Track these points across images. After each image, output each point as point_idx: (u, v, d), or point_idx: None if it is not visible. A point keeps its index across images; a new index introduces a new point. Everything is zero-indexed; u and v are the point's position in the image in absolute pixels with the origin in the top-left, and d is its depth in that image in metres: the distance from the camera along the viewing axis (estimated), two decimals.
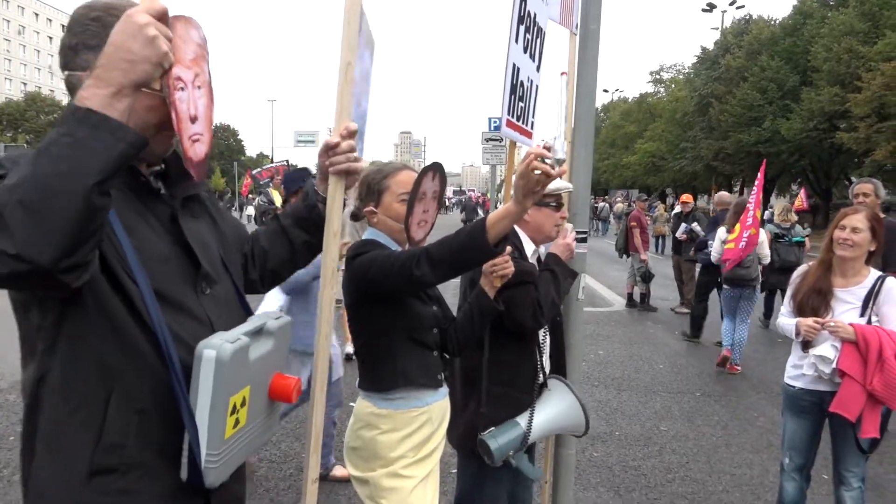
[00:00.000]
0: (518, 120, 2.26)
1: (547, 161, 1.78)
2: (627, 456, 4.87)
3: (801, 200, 19.31)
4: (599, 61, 2.71)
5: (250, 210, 31.72)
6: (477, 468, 2.51)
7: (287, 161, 19.72)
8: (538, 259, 2.70)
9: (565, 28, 2.80)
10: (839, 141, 28.47)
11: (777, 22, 40.09)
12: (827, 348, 3.17)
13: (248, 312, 1.60)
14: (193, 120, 1.34)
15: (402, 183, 2.22)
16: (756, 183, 7.24)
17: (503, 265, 2.26)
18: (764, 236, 7.38)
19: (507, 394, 2.52)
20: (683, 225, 10.74)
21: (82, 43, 1.35)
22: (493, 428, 2.42)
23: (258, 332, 1.47)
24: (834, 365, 3.12)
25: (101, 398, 1.29)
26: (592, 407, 5.92)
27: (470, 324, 2.33)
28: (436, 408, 2.24)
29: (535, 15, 2.26)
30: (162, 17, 1.17)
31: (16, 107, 65.41)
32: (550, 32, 2.54)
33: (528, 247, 2.66)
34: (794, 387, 3.35)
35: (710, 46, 45.31)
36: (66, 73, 1.39)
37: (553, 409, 2.52)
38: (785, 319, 3.42)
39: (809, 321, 3.22)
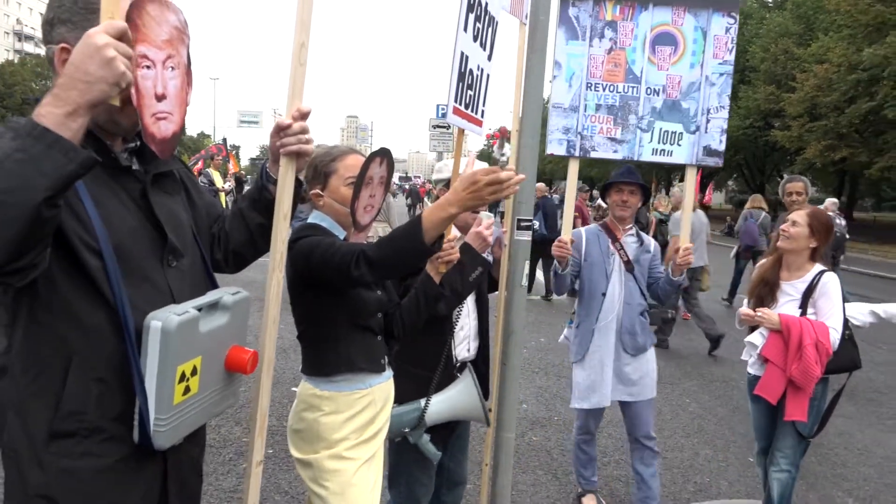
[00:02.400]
0: (467, 108, 2.28)
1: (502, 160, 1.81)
2: (565, 440, 4.99)
3: (708, 195, 22.47)
4: (549, 51, 2.74)
5: None
6: (395, 444, 2.59)
7: (224, 140, 19.36)
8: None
9: (515, 17, 2.83)
10: (773, 138, 29.55)
11: None
12: (756, 336, 3.40)
13: (213, 287, 1.69)
14: (160, 98, 1.41)
15: (349, 167, 2.21)
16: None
17: (448, 251, 2.29)
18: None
19: (415, 372, 2.62)
20: None
21: (57, 17, 1.43)
22: (394, 405, 2.49)
23: (213, 306, 1.55)
24: (759, 351, 3.33)
25: (58, 368, 1.39)
26: (532, 392, 6.04)
27: (416, 309, 2.36)
28: (378, 390, 2.25)
29: (486, 4, 2.28)
30: (122, 36, 1.21)
31: None
32: (504, 22, 2.56)
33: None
34: (750, 373, 3.55)
35: None
36: (46, 46, 1.45)
37: (454, 398, 2.66)
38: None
39: (745, 310, 3.43)
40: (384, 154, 2.11)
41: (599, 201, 21.06)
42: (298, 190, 1.76)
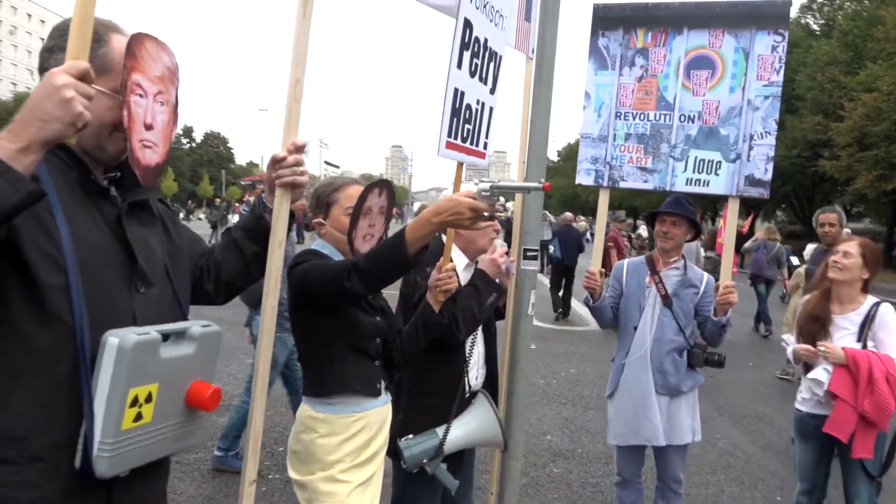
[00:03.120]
0: (464, 141, 2.34)
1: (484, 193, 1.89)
2: (587, 473, 4.93)
3: (746, 224, 21.15)
4: (575, 81, 2.77)
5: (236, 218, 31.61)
6: (406, 474, 2.60)
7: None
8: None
9: (521, 53, 2.90)
10: (822, 169, 28.85)
11: None
12: (820, 371, 3.24)
13: (183, 319, 1.62)
14: (148, 127, 1.45)
15: (350, 197, 2.29)
16: (722, 217, 9.79)
17: (446, 280, 2.34)
18: None
19: (430, 403, 2.63)
20: None
21: (57, 45, 1.45)
22: (411, 435, 2.52)
23: (179, 335, 1.49)
24: (826, 387, 3.18)
25: (2, 393, 1.33)
26: (558, 424, 5.98)
27: (416, 336, 2.41)
28: (374, 414, 2.29)
29: (485, 40, 2.35)
30: (84, 77, 1.22)
31: (3, 107, 65.09)
32: (510, 57, 2.63)
33: (460, 260, 2.70)
34: (800, 411, 3.43)
35: None
36: (42, 75, 1.44)
37: (472, 424, 2.64)
38: (791, 345, 3.52)
39: (804, 346, 3.32)
40: (383, 185, 2.18)
41: (640, 231, 20.82)
42: (291, 219, 1.84)
